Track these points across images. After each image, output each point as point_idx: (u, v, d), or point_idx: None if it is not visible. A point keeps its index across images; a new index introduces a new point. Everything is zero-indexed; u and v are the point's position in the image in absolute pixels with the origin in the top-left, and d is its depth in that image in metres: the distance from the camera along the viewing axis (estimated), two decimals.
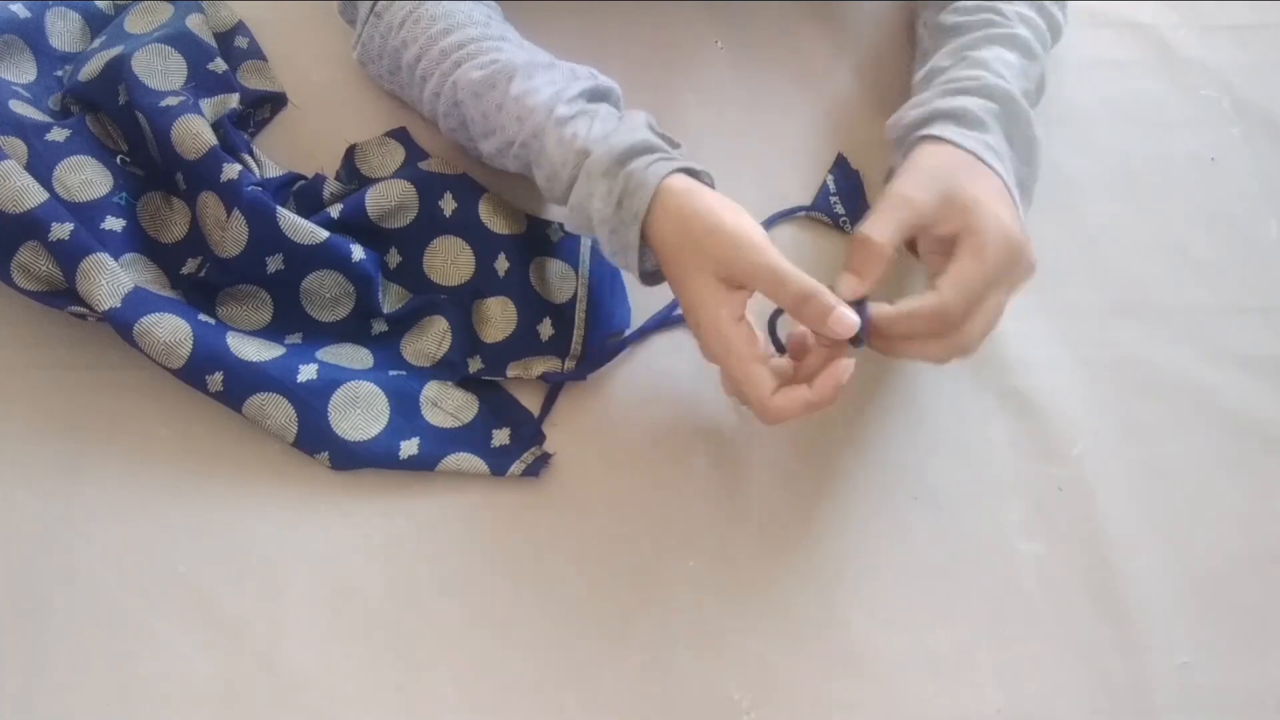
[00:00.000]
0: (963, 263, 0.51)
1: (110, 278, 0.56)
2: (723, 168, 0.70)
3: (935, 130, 0.56)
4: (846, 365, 0.51)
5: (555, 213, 0.66)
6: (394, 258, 0.63)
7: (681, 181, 0.53)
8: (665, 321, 0.63)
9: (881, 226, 0.52)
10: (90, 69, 0.64)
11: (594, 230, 0.55)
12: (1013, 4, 0.64)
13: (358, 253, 0.60)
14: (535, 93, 0.57)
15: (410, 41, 0.62)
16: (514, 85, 0.57)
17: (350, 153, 0.67)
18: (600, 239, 0.56)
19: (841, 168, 0.70)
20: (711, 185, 0.55)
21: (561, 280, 0.64)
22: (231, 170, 0.59)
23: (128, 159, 0.63)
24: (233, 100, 0.65)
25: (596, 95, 0.58)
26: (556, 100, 0.56)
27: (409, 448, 0.57)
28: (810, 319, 0.50)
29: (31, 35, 0.66)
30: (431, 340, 0.60)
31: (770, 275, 0.50)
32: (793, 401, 0.51)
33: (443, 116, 0.62)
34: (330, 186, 0.64)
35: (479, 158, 0.63)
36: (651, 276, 0.57)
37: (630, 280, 0.64)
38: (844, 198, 0.69)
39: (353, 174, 0.66)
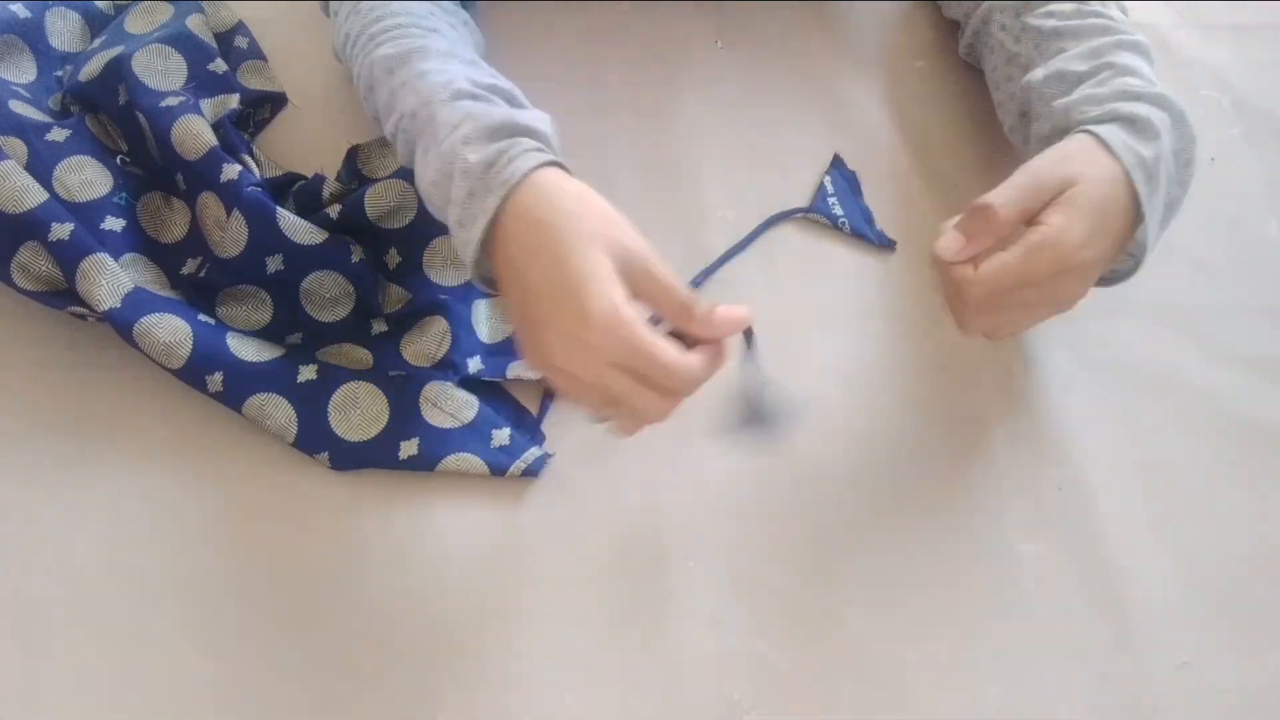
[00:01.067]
0: (1061, 210, 0.51)
1: (110, 278, 0.56)
2: (722, 168, 0.70)
3: (1103, 131, 0.54)
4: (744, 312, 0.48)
5: None
6: (393, 258, 0.63)
7: (563, 173, 0.49)
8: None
9: (1007, 195, 0.51)
10: (90, 69, 0.64)
11: (448, 193, 0.50)
12: (1107, 6, 0.62)
13: (357, 253, 0.60)
14: (442, 73, 0.54)
15: (350, 33, 0.61)
16: (423, 64, 0.54)
17: (352, 154, 0.67)
18: (450, 200, 0.50)
19: (839, 168, 0.70)
20: None
21: None
22: (231, 170, 0.59)
23: (127, 159, 0.63)
24: (233, 100, 0.65)
25: (505, 95, 0.54)
26: (458, 78, 0.53)
27: (409, 448, 0.57)
28: (693, 327, 0.47)
29: (31, 35, 0.66)
30: (431, 340, 0.60)
31: (663, 279, 0.47)
32: (698, 356, 0.47)
33: (364, 103, 0.60)
34: (330, 187, 0.64)
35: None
36: (482, 280, 0.52)
37: None
38: (842, 198, 0.69)
39: (353, 175, 0.66)
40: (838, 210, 0.68)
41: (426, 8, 0.61)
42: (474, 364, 0.60)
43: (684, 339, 0.48)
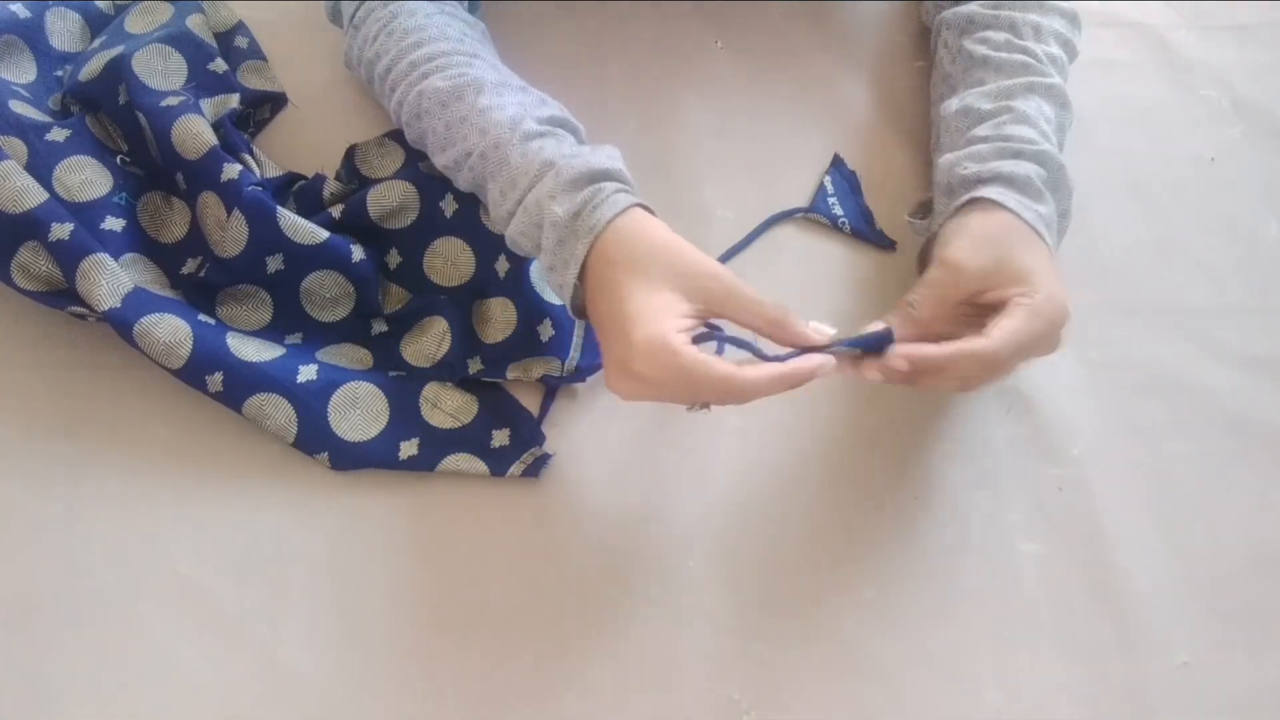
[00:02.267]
0: (1017, 320, 0.51)
1: (110, 278, 0.56)
2: (722, 168, 0.70)
3: (993, 194, 0.56)
4: (823, 361, 0.50)
5: None
6: (394, 258, 0.63)
7: (643, 213, 0.53)
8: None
9: (928, 302, 0.53)
10: (91, 69, 0.64)
11: (537, 240, 0.54)
12: (1042, 44, 0.64)
13: (358, 253, 0.60)
14: (502, 109, 0.56)
15: (383, 54, 0.62)
16: (481, 99, 0.57)
17: (350, 153, 0.67)
18: (542, 249, 0.54)
19: (839, 169, 0.70)
20: None
21: None
22: (232, 170, 0.59)
23: (128, 159, 0.63)
24: (233, 100, 0.65)
25: (563, 125, 0.57)
26: (524, 117, 0.56)
27: (409, 448, 0.57)
28: (787, 338, 0.50)
29: (31, 35, 0.66)
30: (431, 341, 0.60)
31: (745, 298, 0.50)
32: (763, 372, 0.49)
33: (406, 127, 0.61)
34: (330, 187, 0.64)
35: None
36: (578, 310, 0.55)
37: None
38: (841, 198, 0.69)
39: (352, 174, 0.66)
40: (838, 210, 0.68)
41: (457, 28, 0.62)
42: (474, 365, 0.60)
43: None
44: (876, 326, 0.52)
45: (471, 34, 0.64)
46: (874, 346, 0.51)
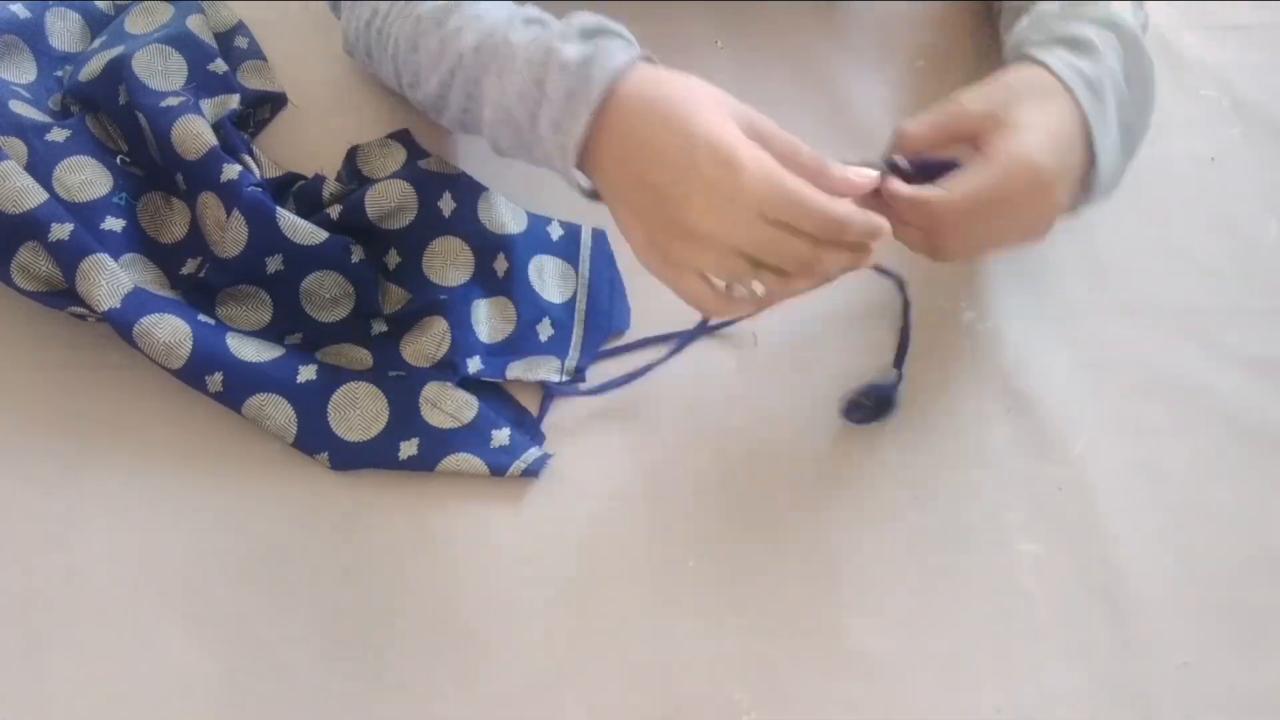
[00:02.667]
0: (975, 169, 0.50)
1: (110, 278, 0.56)
2: None
3: (1039, 53, 0.54)
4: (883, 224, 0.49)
5: (555, 210, 0.65)
6: (393, 258, 0.63)
7: (659, 68, 0.50)
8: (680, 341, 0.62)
9: (921, 122, 0.53)
10: (91, 69, 0.64)
11: (540, 96, 0.50)
12: None
13: (357, 253, 0.60)
14: (500, 8, 0.54)
15: (376, 10, 0.61)
16: (476, 7, 0.55)
17: (352, 154, 0.67)
18: (549, 102, 0.49)
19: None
20: None
21: (561, 280, 0.64)
22: (232, 170, 0.59)
23: (127, 159, 0.63)
24: (233, 101, 0.65)
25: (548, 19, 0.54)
26: (525, 9, 0.54)
27: (408, 448, 0.57)
28: (830, 180, 0.49)
29: (31, 35, 0.66)
30: (431, 341, 0.60)
31: (787, 138, 0.48)
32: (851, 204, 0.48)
33: (399, 71, 0.59)
34: (330, 187, 0.63)
35: (438, 115, 0.59)
36: (587, 190, 0.52)
37: (631, 282, 0.64)
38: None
39: (354, 175, 0.66)
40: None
41: None
42: (474, 364, 0.60)
43: None
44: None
45: None
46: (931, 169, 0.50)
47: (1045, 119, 0.52)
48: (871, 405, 0.58)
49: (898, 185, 0.51)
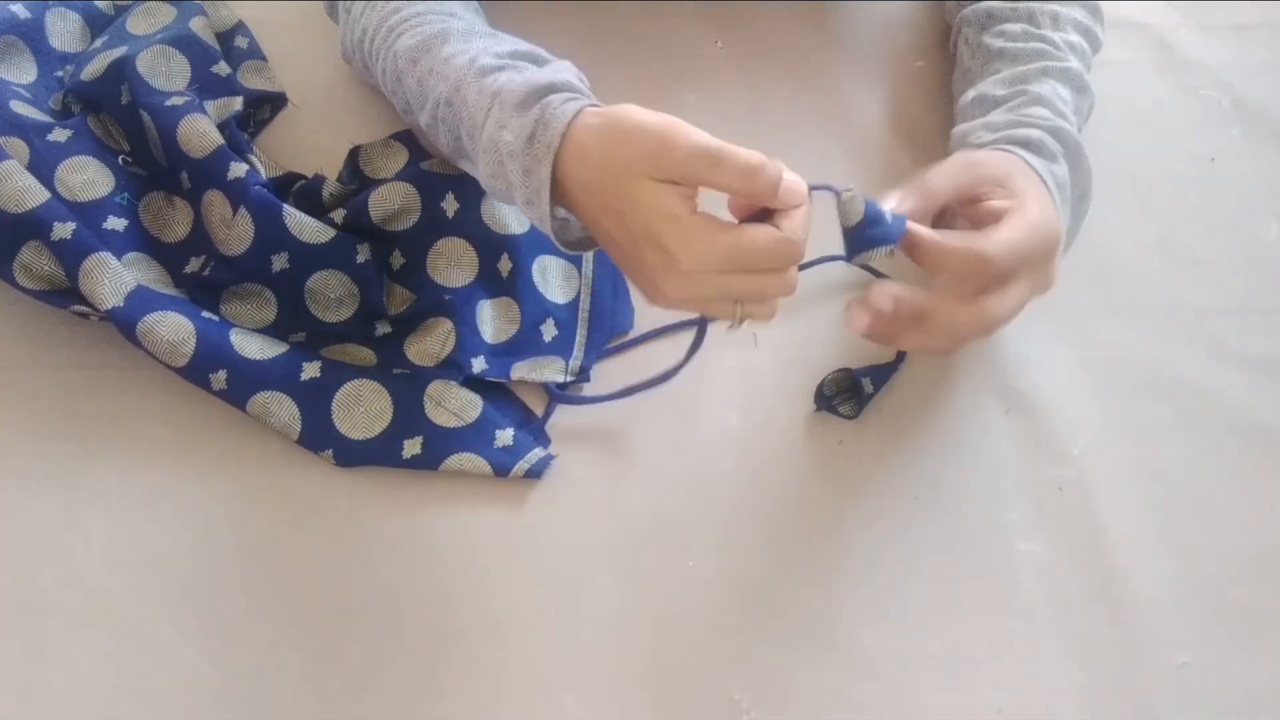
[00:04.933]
0: (1010, 226, 0.51)
1: (113, 277, 0.56)
2: None
3: (1002, 145, 0.57)
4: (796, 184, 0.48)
5: None
6: (397, 260, 0.63)
7: (597, 111, 0.49)
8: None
9: (942, 176, 0.54)
10: (93, 69, 0.64)
11: (507, 179, 0.51)
12: (1060, 32, 0.65)
13: (363, 254, 0.60)
14: (465, 52, 0.54)
15: (368, 27, 0.61)
16: (446, 48, 0.55)
17: (354, 154, 0.67)
18: (514, 188, 0.50)
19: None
20: None
21: (565, 280, 0.64)
22: (239, 169, 0.59)
23: (130, 159, 0.63)
24: (236, 103, 0.65)
25: (526, 56, 0.55)
26: (482, 54, 0.53)
27: (412, 447, 0.57)
28: (761, 192, 0.47)
29: (31, 35, 0.66)
30: (435, 340, 0.60)
31: (706, 154, 0.46)
32: (789, 220, 0.48)
33: (392, 96, 0.60)
34: (330, 187, 0.63)
35: (437, 143, 0.59)
36: (577, 244, 0.53)
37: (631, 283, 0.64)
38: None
39: (355, 175, 0.66)
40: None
41: None
42: (478, 364, 0.60)
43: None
44: (890, 203, 0.51)
45: (459, 5, 0.62)
46: (874, 218, 0.49)
47: (1042, 193, 0.54)
48: (834, 394, 0.57)
49: (929, 234, 0.51)
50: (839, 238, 0.51)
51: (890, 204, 0.52)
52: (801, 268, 0.53)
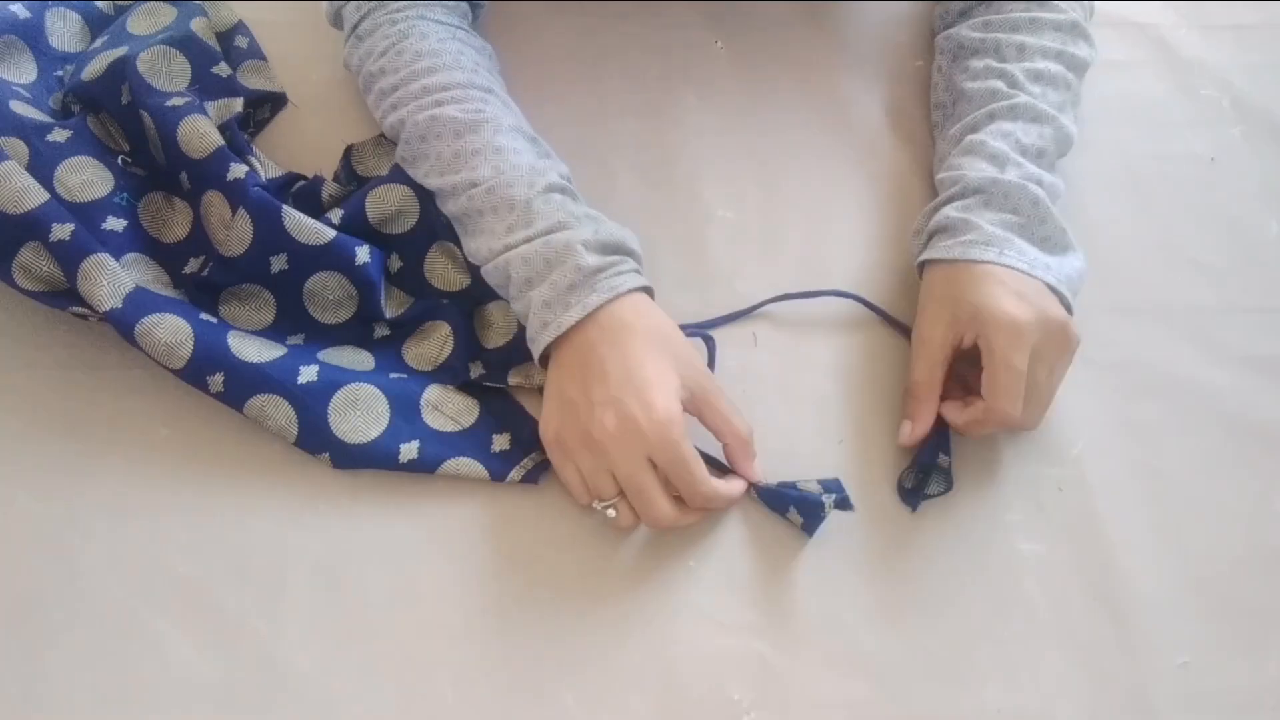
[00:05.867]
0: (988, 369, 0.55)
1: (111, 278, 0.56)
2: (722, 168, 0.70)
3: (929, 254, 0.60)
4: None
5: None
6: (394, 263, 0.63)
7: (650, 299, 0.57)
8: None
9: (920, 372, 0.58)
10: (94, 69, 0.64)
11: (541, 272, 0.55)
12: (1024, 63, 0.65)
13: (362, 255, 0.60)
14: (518, 153, 0.59)
15: (389, 70, 0.62)
16: (498, 138, 0.59)
17: (347, 153, 0.67)
18: (547, 282, 0.55)
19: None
20: None
21: None
22: (239, 170, 0.59)
23: (129, 159, 0.63)
24: (237, 104, 0.65)
25: (566, 190, 0.59)
26: (548, 172, 0.59)
27: (409, 451, 0.57)
28: (743, 461, 0.57)
29: (31, 35, 0.66)
30: (433, 345, 0.60)
31: (727, 407, 0.55)
32: (733, 488, 0.56)
33: (402, 144, 0.62)
34: (328, 188, 0.63)
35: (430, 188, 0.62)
36: (528, 350, 0.58)
37: None
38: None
39: (350, 175, 0.66)
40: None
41: (470, 57, 0.63)
42: (476, 369, 0.60)
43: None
44: (904, 433, 0.59)
45: (484, 63, 0.64)
46: (810, 506, 0.56)
47: (989, 286, 0.56)
48: (915, 485, 0.59)
49: (958, 421, 0.58)
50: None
51: (904, 433, 0.58)
52: (802, 296, 0.64)
